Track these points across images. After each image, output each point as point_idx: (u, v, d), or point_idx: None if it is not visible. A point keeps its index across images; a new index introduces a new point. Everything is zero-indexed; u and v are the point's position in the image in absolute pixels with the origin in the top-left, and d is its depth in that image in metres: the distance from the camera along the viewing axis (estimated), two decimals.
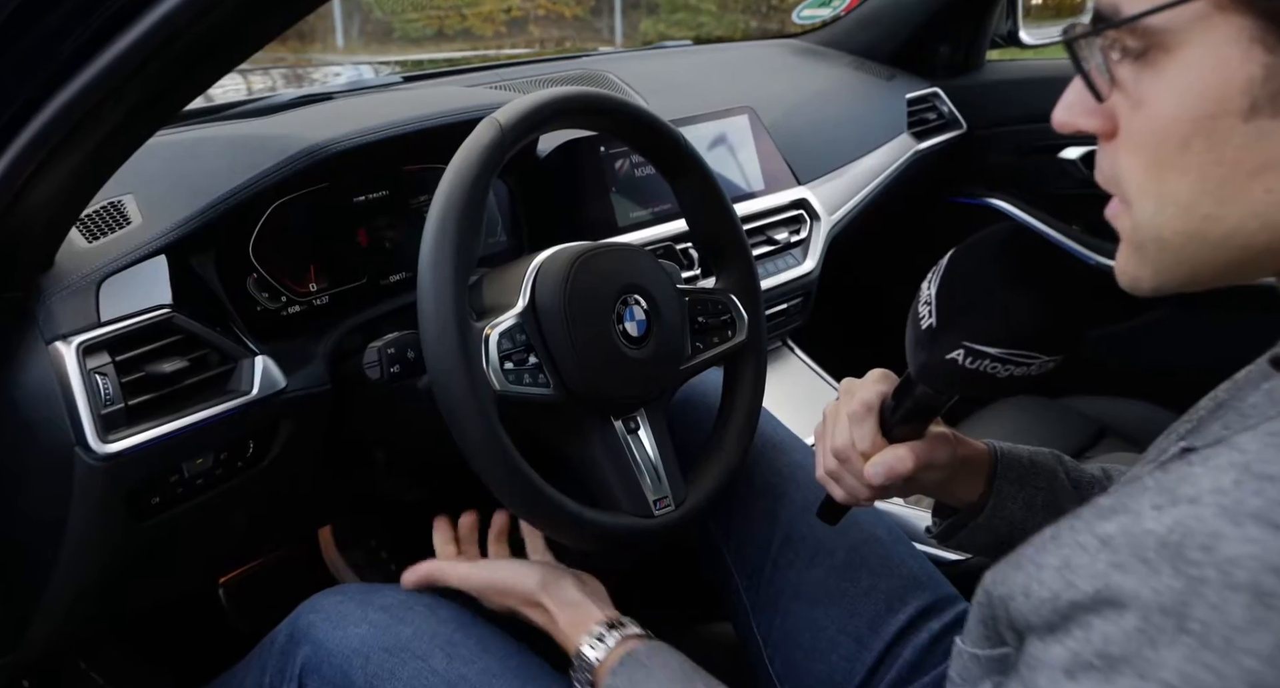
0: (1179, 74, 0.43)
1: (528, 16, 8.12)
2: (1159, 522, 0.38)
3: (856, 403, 0.74)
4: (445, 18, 7.51)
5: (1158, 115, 0.44)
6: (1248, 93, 0.41)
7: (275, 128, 0.97)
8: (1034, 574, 0.43)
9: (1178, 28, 0.42)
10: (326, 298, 0.97)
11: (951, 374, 0.62)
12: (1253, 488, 0.36)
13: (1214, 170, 0.43)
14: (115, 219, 0.86)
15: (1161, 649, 0.35)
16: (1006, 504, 0.75)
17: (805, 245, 1.33)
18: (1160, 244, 0.47)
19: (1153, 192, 0.45)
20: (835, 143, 1.50)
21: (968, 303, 0.60)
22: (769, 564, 0.96)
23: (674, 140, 0.90)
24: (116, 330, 0.78)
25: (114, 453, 0.75)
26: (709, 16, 7.94)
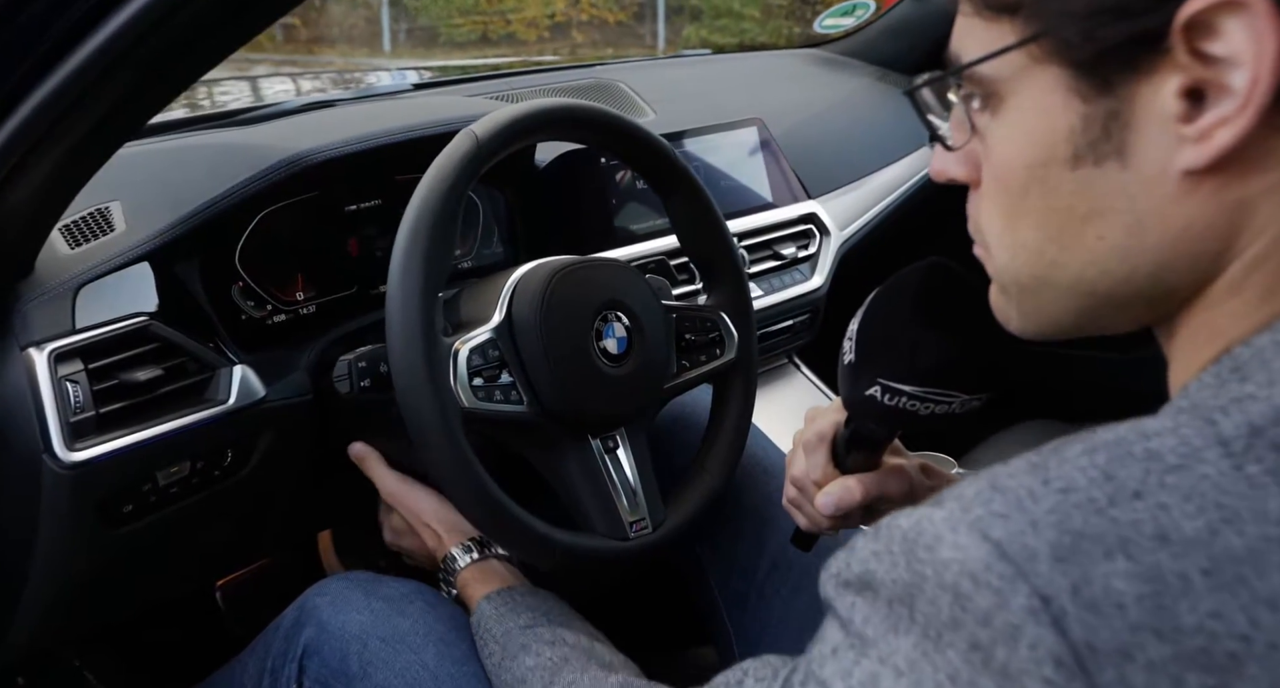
0: (1013, 122, 0.44)
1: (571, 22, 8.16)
2: (908, 519, 0.39)
3: (810, 433, 0.75)
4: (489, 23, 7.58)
5: (1000, 163, 0.45)
6: (1070, 142, 0.42)
7: (262, 137, 0.96)
8: (840, 551, 0.44)
9: (1006, 77, 0.43)
10: (313, 307, 0.96)
11: (875, 411, 0.62)
12: (984, 499, 0.37)
13: (1051, 217, 0.44)
14: (100, 226, 0.86)
15: (901, 636, 0.37)
16: None
17: (814, 261, 1.30)
18: (1019, 287, 0.48)
19: (1007, 239, 0.46)
20: (852, 155, 1.47)
21: (881, 340, 0.61)
22: (754, 592, 0.94)
23: (663, 154, 0.88)
24: (90, 338, 0.78)
25: (81, 461, 0.75)
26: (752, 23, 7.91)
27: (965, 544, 0.36)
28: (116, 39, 0.57)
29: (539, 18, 7.88)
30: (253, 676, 0.84)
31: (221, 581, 1.33)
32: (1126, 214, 0.42)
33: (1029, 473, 0.37)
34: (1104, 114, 0.41)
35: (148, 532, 0.85)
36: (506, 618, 0.78)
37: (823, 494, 0.72)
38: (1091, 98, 0.41)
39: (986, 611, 0.35)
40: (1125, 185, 0.41)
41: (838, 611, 0.41)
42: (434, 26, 8.34)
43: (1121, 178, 0.41)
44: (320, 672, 0.80)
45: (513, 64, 1.67)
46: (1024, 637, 0.34)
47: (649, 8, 8.16)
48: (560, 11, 7.96)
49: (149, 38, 0.57)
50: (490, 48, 7.56)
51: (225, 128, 1.07)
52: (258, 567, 1.35)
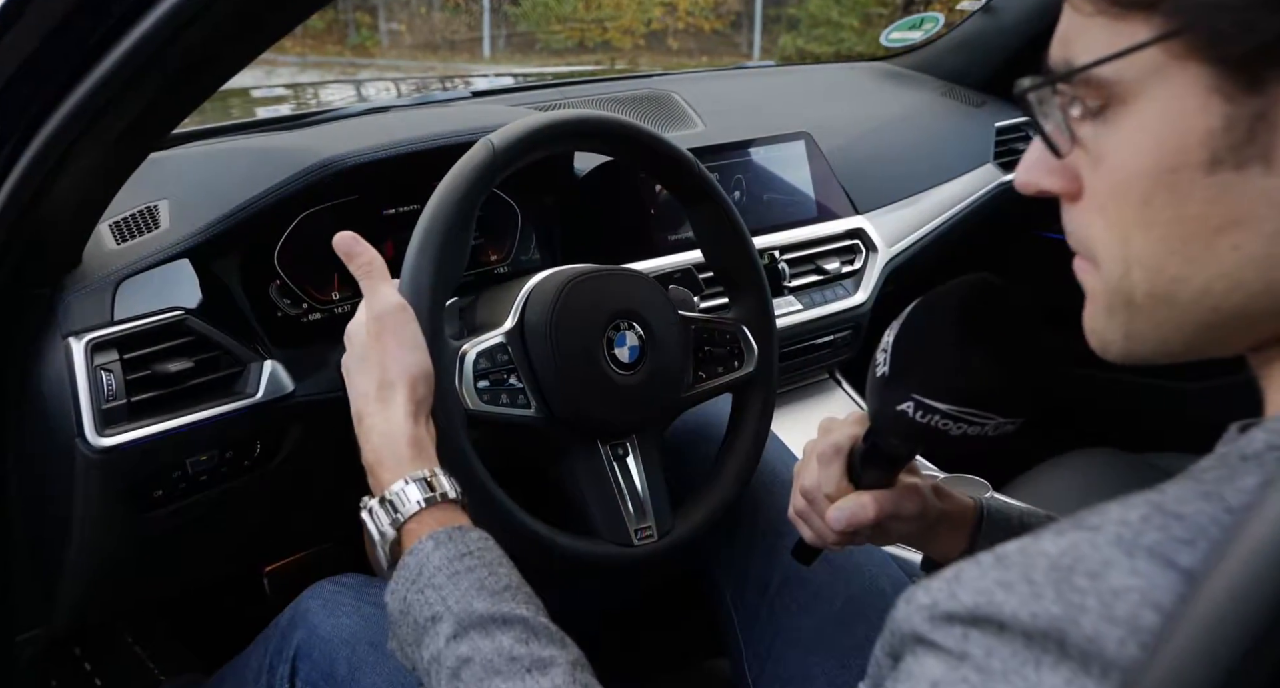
0: (1136, 127, 0.41)
1: (667, 30, 8.19)
2: (1055, 544, 0.37)
3: (826, 445, 0.72)
4: (586, 30, 7.67)
5: (1117, 170, 0.42)
6: (1207, 145, 0.39)
7: (304, 141, 1.00)
8: (924, 583, 0.41)
9: (1132, 79, 0.40)
10: (348, 307, 1.00)
11: (903, 427, 0.60)
12: (1157, 523, 0.35)
13: (1177, 228, 0.41)
14: (147, 223, 0.91)
15: (1045, 672, 0.34)
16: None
17: (859, 277, 1.28)
18: (1130, 307, 0.44)
19: (1119, 252, 0.43)
20: (907, 171, 1.44)
21: (920, 355, 0.58)
22: (765, 606, 0.93)
23: (686, 165, 0.88)
24: (127, 329, 0.83)
25: (109, 446, 0.79)
26: (850, 32, 7.80)
27: (1146, 571, 0.34)
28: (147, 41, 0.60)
29: (635, 25, 7.94)
30: (254, 670, 0.86)
31: (270, 567, 1.38)
32: (1270, 222, 0.39)
33: (1202, 500, 0.35)
34: (1250, 115, 0.38)
35: (180, 515, 0.89)
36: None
37: (835, 509, 0.69)
38: (1237, 98, 0.38)
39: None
40: (1270, 191, 0.38)
41: (939, 644, 0.38)
42: (532, 33, 8.49)
43: (1265, 184, 0.38)
44: (311, 674, 0.81)
45: (605, 71, 1.69)
46: None
47: (746, 16, 8.14)
48: (657, 19, 8.00)
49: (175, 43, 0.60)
50: (587, 55, 7.65)
51: (272, 132, 1.11)
52: (303, 554, 1.40)
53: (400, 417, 0.68)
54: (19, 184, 0.66)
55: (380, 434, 0.68)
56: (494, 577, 0.62)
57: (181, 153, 1.01)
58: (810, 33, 8.16)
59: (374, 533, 0.65)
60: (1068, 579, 0.35)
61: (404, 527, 0.65)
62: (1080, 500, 1.31)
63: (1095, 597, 0.34)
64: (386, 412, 0.68)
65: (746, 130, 1.26)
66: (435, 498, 0.65)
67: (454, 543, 0.63)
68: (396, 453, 0.67)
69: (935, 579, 0.40)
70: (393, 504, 0.65)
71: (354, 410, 0.70)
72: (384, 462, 0.67)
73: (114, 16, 0.60)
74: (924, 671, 0.38)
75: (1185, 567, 0.33)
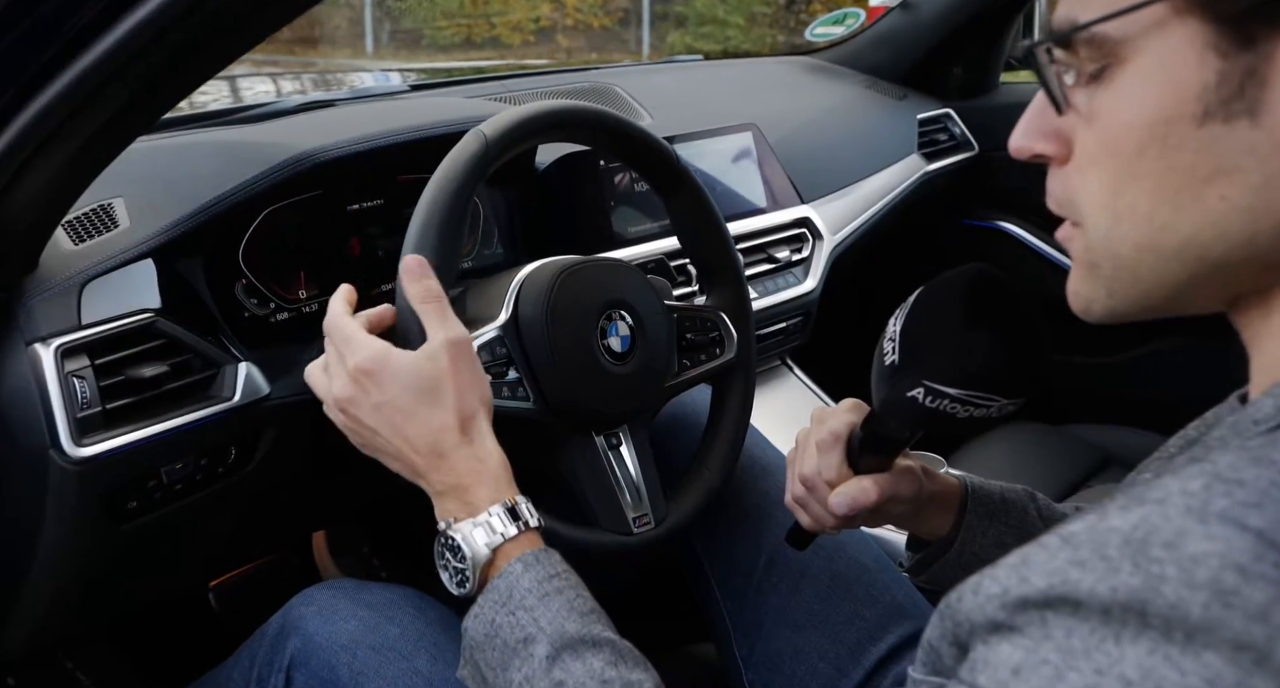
0: (1134, 82, 0.43)
1: (556, 26, 8.17)
2: (1124, 520, 0.37)
3: (825, 432, 0.74)
4: (474, 26, 7.57)
5: (1113, 125, 0.44)
6: (1201, 99, 0.41)
7: (266, 135, 0.97)
8: (988, 572, 0.42)
9: (1134, 35, 0.43)
10: (316, 305, 0.97)
11: (911, 412, 0.62)
12: (1221, 491, 0.36)
13: (1169, 177, 0.43)
14: (104, 222, 0.86)
15: (1127, 645, 0.35)
16: (976, 539, 0.75)
17: (807, 264, 1.32)
18: (1116, 261, 0.46)
19: (1109, 206, 0.46)
20: (843, 161, 1.49)
21: (930, 342, 0.60)
22: (752, 588, 0.95)
23: (666, 156, 0.89)
24: (97, 333, 0.78)
25: (88, 456, 0.75)
26: (737, 30, 7.95)
27: (1222, 535, 0.34)
28: (130, 39, 0.57)
29: (524, 22, 7.88)
30: (238, 684, 0.84)
31: (214, 581, 1.33)
32: (1255, 173, 0.41)
33: (1256, 465, 0.36)
34: (1241, 70, 0.40)
35: (152, 528, 0.85)
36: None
37: (837, 494, 0.72)
38: (1231, 54, 0.40)
39: (1262, 605, 0.33)
40: (1255, 144, 0.41)
41: (1015, 629, 0.38)
42: (418, 29, 8.32)
43: (1251, 136, 0.41)
44: (309, 683, 0.79)
45: (498, 68, 1.68)
46: None
47: (634, 13, 8.18)
48: (546, 16, 7.96)
49: (164, 37, 0.58)
50: (475, 51, 7.54)
51: (225, 126, 1.07)
52: (250, 567, 1.35)
53: (491, 444, 0.69)
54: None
55: (470, 462, 0.67)
56: (580, 599, 0.63)
57: (129, 148, 0.96)
58: (698, 30, 8.28)
59: (467, 553, 0.65)
60: (1144, 551, 0.35)
61: (499, 550, 0.65)
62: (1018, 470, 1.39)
63: (1174, 565, 0.34)
64: (475, 441, 0.68)
65: (693, 122, 1.28)
66: (522, 526, 0.66)
67: (541, 566, 0.64)
68: (495, 478, 0.68)
69: (999, 568, 0.40)
70: (490, 526, 0.65)
71: (425, 444, 0.67)
72: (472, 488, 0.67)
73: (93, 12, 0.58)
74: (1002, 658, 0.39)
75: (1257, 528, 0.34)
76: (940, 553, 0.76)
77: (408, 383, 0.67)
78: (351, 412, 0.69)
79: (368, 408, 0.68)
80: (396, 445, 0.68)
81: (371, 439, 0.69)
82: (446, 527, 0.67)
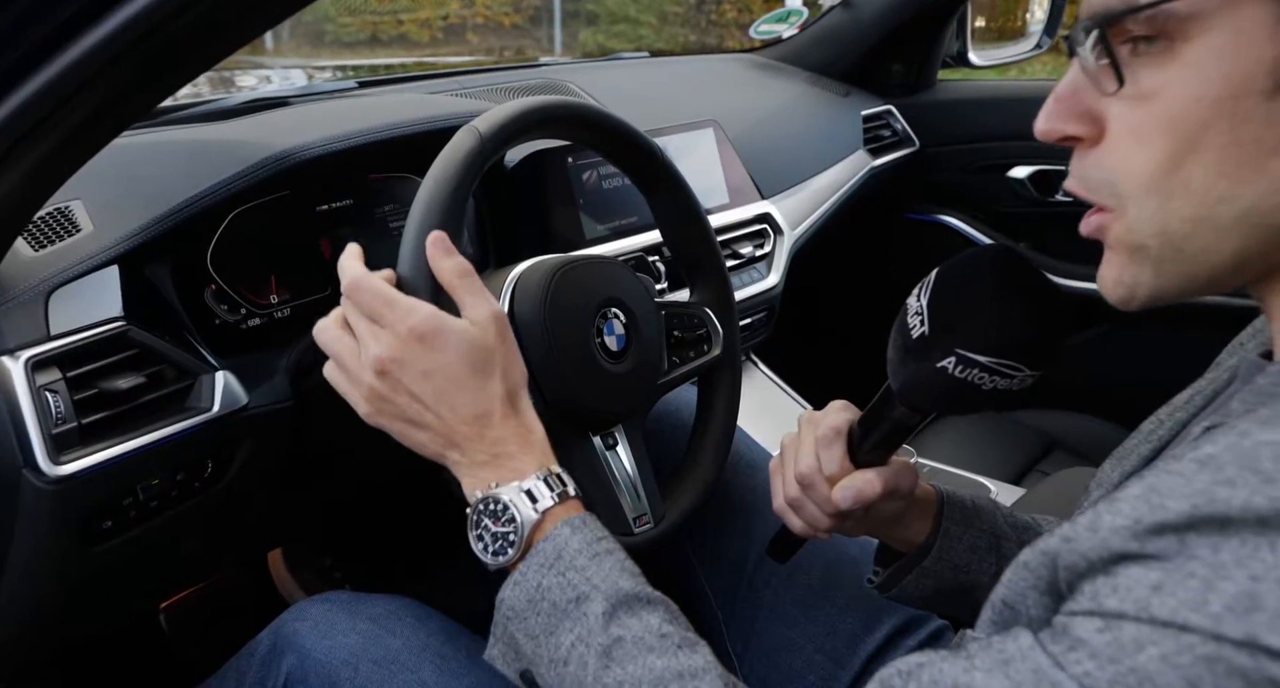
0: (1202, 57, 0.44)
1: (465, 24, 8.05)
2: (1270, 434, 0.38)
3: (825, 428, 0.72)
4: (380, 23, 7.40)
5: (1174, 101, 0.45)
6: (1272, 73, 0.43)
7: (236, 133, 0.93)
8: (1104, 510, 0.42)
9: (1203, 12, 0.43)
10: (288, 310, 0.93)
11: (939, 385, 0.62)
12: None
13: (1232, 151, 0.44)
14: (63, 226, 0.81)
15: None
16: (953, 545, 0.75)
17: (769, 259, 1.33)
18: (1165, 238, 0.47)
19: (1160, 183, 0.46)
20: (796, 157, 1.51)
21: (962, 311, 0.61)
22: (744, 583, 0.95)
23: (651, 153, 0.89)
24: (68, 344, 0.74)
25: (66, 475, 0.71)
26: (648, 29, 7.98)
27: None
28: (121, 33, 0.54)
29: (432, 19, 7.73)
30: None
31: (165, 603, 1.26)
32: None
33: None
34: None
35: (123, 549, 0.81)
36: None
37: (841, 487, 0.70)
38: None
39: None
40: None
41: (1150, 554, 0.39)
42: (320, 25, 8.09)
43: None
44: None
45: (408, 66, 1.65)
46: None
47: (545, 11, 8.12)
48: (454, 13, 7.83)
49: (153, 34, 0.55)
50: (381, 48, 7.37)
51: (173, 126, 1.02)
52: (202, 587, 1.29)
53: (534, 418, 0.68)
54: None
55: (518, 430, 0.66)
56: (629, 561, 0.62)
57: None
58: (610, 29, 8.26)
59: (516, 515, 0.62)
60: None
61: (548, 512, 0.63)
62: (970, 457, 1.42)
63: None
64: (521, 412, 0.67)
65: (653, 119, 1.28)
66: (566, 493, 0.65)
67: (589, 529, 0.63)
68: (541, 447, 0.67)
69: (1118, 503, 0.41)
70: (537, 490, 0.64)
71: (471, 413, 0.65)
72: (519, 454, 0.65)
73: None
74: (1134, 580, 0.40)
75: None
76: (918, 561, 0.75)
77: (462, 351, 0.64)
78: (395, 374, 0.64)
79: (415, 372, 0.64)
80: (437, 413, 0.64)
81: (405, 407, 0.65)
82: (487, 493, 0.64)
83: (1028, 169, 1.71)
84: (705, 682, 0.56)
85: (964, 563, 0.75)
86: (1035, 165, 1.70)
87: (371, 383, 0.65)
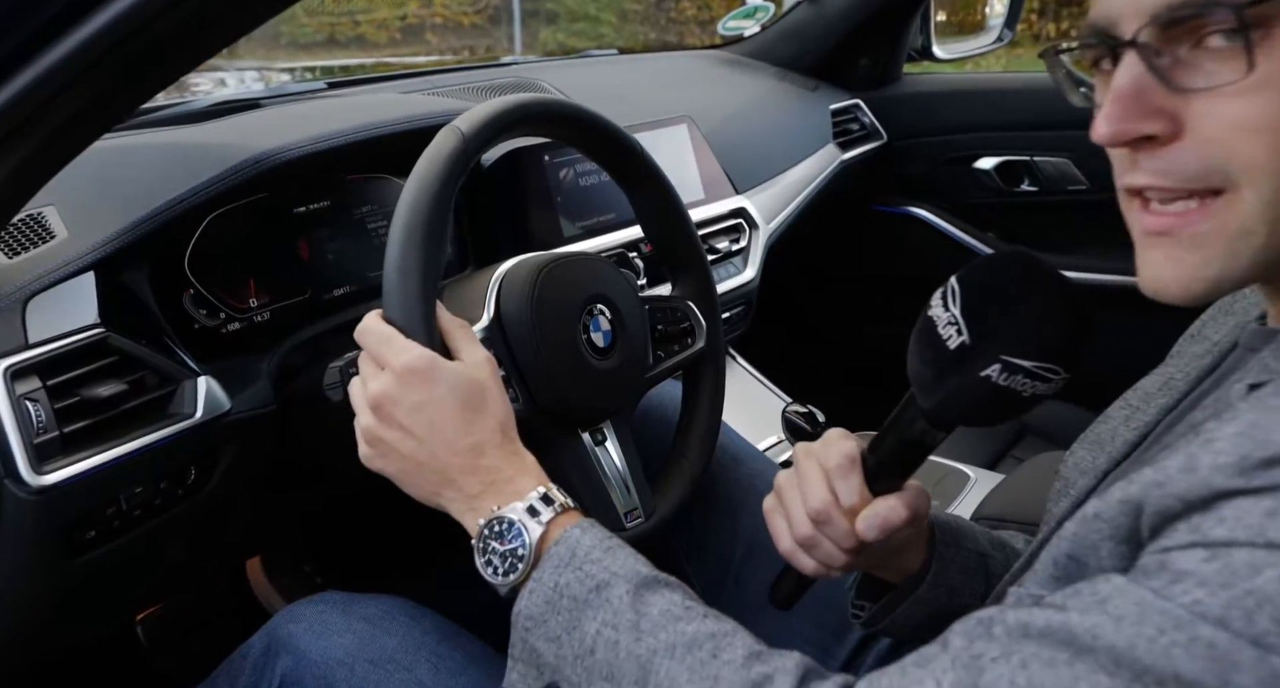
0: None
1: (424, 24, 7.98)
2: None
3: (838, 456, 0.67)
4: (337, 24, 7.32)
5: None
6: None
7: (212, 136, 0.92)
8: (1199, 452, 0.42)
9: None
10: (267, 314, 0.92)
11: (981, 395, 0.59)
12: None
13: None
14: (37, 233, 0.80)
15: None
16: (947, 568, 0.72)
17: (746, 254, 1.34)
18: (1272, 225, 0.47)
19: (1270, 165, 0.46)
20: (768, 152, 1.52)
21: (1003, 317, 0.59)
22: (731, 578, 0.95)
23: (633, 149, 0.89)
24: (47, 352, 0.73)
25: (49, 485, 0.70)
26: (608, 27, 7.98)
27: None
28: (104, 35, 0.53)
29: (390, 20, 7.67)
30: None
31: (141, 614, 1.25)
32: None
33: None
34: None
35: (106, 559, 0.80)
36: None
37: (864, 518, 0.66)
38: None
39: None
40: None
41: (1258, 488, 0.40)
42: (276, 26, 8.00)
43: None
44: None
45: (368, 67, 1.64)
46: None
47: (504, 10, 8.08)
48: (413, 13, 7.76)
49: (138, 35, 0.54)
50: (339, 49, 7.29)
51: (143, 129, 1.00)
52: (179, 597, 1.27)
53: (523, 448, 0.70)
54: None
55: (511, 458, 0.68)
56: (639, 553, 0.62)
57: None
58: (570, 27, 8.25)
59: (522, 530, 0.64)
60: None
61: (552, 522, 0.64)
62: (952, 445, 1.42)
63: None
64: (512, 442, 0.69)
65: (627, 116, 1.28)
66: (566, 505, 0.66)
67: (597, 529, 0.64)
68: (535, 470, 0.68)
69: (1215, 443, 0.42)
70: (538, 505, 0.65)
71: (465, 445, 0.66)
72: (516, 478, 0.67)
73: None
74: (1246, 512, 0.40)
75: None
76: (914, 587, 0.72)
77: (454, 385, 0.66)
78: (388, 409, 0.65)
79: (407, 406, 0.65)
80: (430, 449, 0.65)
81: (398, 442, 0.66)
82: (490, 517, 0.65)
83: (993, 160, 1.74)
84: (738, 639, 0.56)
85: (957, 585, 0.73)
86: (1000, 156, 1.73)
87: (367, 422, 0.67)
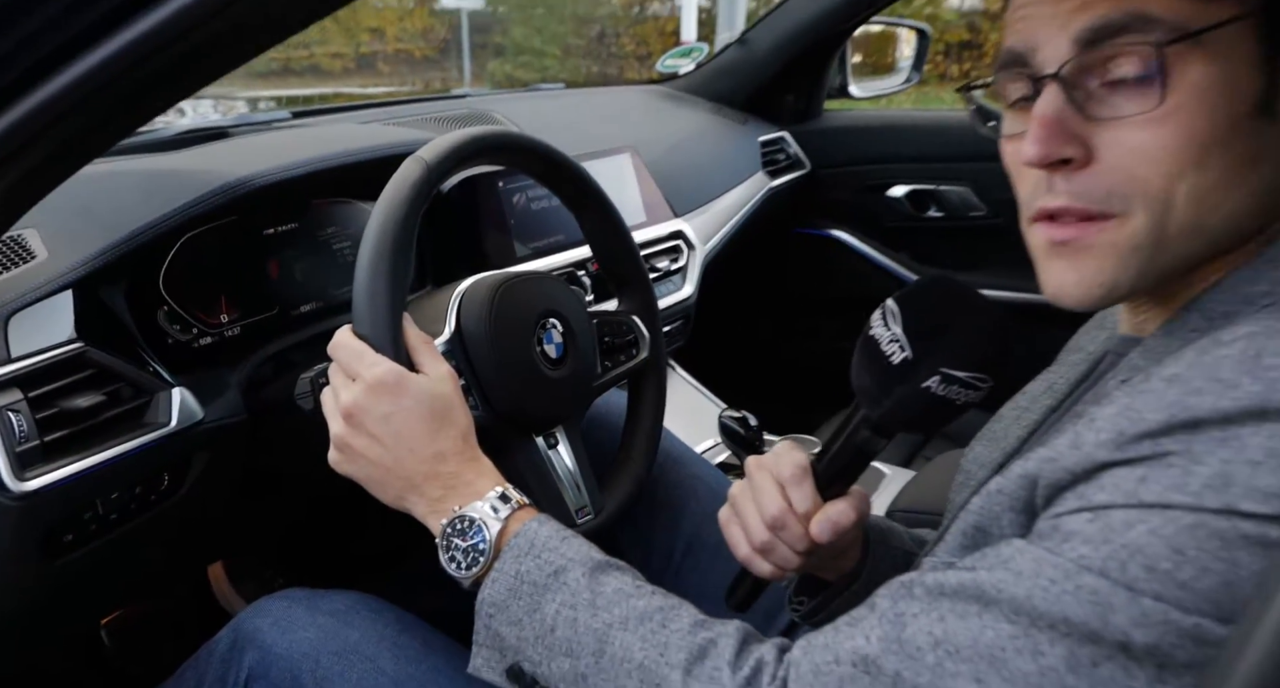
0: (1205, 85, 0.51)
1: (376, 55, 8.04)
2: (1227, 350, 0.45)
3: (790, 466, 0.71)
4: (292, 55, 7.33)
5: (1189, 121, 0.51)
6: (1255, 100, 0.51)
7: (186, 163, 0.97)
8: (1083, 430, 0.48)
9: (1212, 46, 0.50)
10: (238, 329, 0.98)
11: (921, 405, 0.65)
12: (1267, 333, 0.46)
13: (1229, 165, 0.52)
14: (19, 253, 0.84)
15: (1247, 438, 0.43)
16: (878, 566, 0.77)
17: (684, 272, 1.42)
18: (1159, 244, 0.53)
19: (1166, 194, 0.52)
20: (704, 179, 1.62)
21: (941, 334, 0.66)
22: (671, 572, 1.01)
23: (580, 176, 0.96)
24: (28, 366, 0.77)
25: (31, 491, 0.74)
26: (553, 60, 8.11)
27: None
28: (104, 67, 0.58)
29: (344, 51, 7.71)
30: None
31: (105, 618, 1.27)
32: (1271, 162, 0.52)
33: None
34: (1271, 77, 0.51)
35: (82, 562, 0.83)
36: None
37: (817, 522, 0.69)
38: (1273, 62, 0.50)
39: None
40: (1275, 136, 0.52)
41: (1131, 459, 0.46)
42: None
43: (1273, 130, 0.52)
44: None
45: (327, 97, 1.70)
46: None
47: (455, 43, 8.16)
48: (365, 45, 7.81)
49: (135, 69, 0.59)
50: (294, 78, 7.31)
51: (122, 156, 1.05)
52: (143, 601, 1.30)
53: (479, 452, 0.76)
54: None
55: (471, 463, 0.74)
56: (592, 544, 0.69)
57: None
58: (516, 60, 8.36)
59: (482, 525, 0.69)
60: (1257, 363, 0.44)
61: (510, 518, 0.70)
62: None
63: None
64: (472, 449, 0.75)
65: (575, 145, 1.36)
66: (523, 502, 0.72)
67: (552, 523, 0.70)
68: (492, 473, 0.74)
69: (1096, 421, 0.48)
70: (497, 503, 0.71)
71: (430, 452, 0.72)
72: (475, 480, 0.73)
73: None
74: (1121, 479, 0.46)
75: None
76: (850, 584, 0.77)
77: (420, 398, 0.72)
78: (358, 418, 0.71)
79: (376, 416, 0.71)
80: (396, 455, 0.71)
81: (365, 449, 0.72)
82: (451, 516, 0.70)
83: (904, 188, 1.89)
84: (684, 611, 0.63)
85: (885, 580, 0.80)
86: (910, 185, 1.88)
87: (338, 430, 0.72)
